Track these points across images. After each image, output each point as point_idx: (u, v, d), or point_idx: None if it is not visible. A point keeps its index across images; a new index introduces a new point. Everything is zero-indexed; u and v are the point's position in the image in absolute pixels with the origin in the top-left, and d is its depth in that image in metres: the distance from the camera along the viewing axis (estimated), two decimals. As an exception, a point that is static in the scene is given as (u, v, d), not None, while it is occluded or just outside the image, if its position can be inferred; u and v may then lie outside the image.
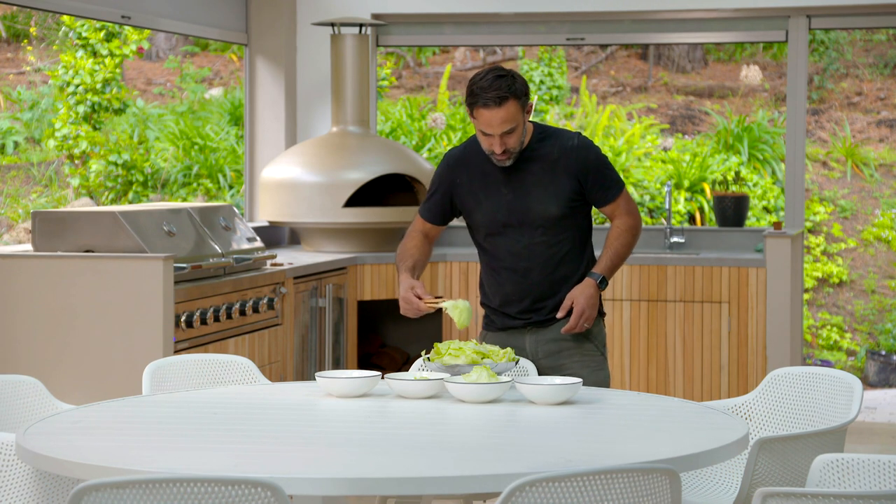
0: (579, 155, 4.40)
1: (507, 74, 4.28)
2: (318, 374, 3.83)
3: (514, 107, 4.25)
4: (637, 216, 4.49)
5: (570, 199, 4.40)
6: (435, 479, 2.87)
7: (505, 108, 4.24)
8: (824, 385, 3.94)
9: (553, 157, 4.39)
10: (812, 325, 12.58)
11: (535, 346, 4.46)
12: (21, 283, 5.40)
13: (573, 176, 4.39)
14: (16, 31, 15.80)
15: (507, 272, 4.46)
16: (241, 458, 3.10)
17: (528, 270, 4.43)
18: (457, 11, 7.93)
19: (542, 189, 4.39)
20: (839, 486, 2.98)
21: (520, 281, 4.45)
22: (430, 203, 4.58)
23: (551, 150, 4.41)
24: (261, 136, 8.02)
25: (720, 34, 8.09)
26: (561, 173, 4.38)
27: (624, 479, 2.71)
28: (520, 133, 4.31)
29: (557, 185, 4.38)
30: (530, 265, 4.43)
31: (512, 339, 4.48)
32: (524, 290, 4.45)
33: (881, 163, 13.96)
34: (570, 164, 4.39)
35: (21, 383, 3.85)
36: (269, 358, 6.14)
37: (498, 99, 4.23)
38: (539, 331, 4.46)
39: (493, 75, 4.27)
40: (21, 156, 14.20)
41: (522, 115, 4.30)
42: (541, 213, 4.39)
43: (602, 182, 4.42)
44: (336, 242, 7.29)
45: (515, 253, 4.43)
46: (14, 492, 3.50)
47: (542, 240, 4.41)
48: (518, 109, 4.27)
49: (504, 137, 4.29)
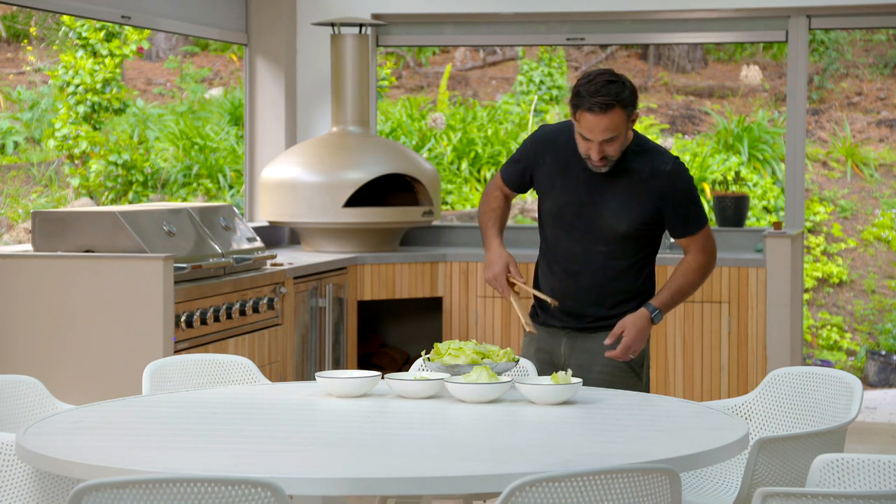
0: (668, 182, 4.24)
1: (617, 80, 4.11)
2: (318, 374, 3.83)
3: (619, 115, 4.09)
4: (712, 256, 4.32)
5: (644, 223, 4.26)
6: (435, 479, 2.87)
7: (610, 115, 4.08)
8: (824, 385, 3.93)
9: (642, 176, 4.24)
10: (812, 325, 12.58)
11: (568, 352, 4.38)
12: (21, 283, 5.40)
13: (655, 201, 4.24)
14: (16, 31, 15.80)
15: (559, 269, 4.37)
16: (241, 458, 3.10)
17: (578, 274, 4.33)
18: (457, 11, 7.93)
19: (619, 205, 4.25)
20: (839, 486, 2.98)
21: (568, 282, 4.35)
22: (512, 168, 4.46)
23: (643, 168, 4.25)
24: (261, 136, 8.02)
25: (720, 34, 8.09)
26: (644, 195, 4.24)
27: (624, 479, 2.71)
28: (621, 142, 4.15)
29: (636, 205, 4.24)
30: (583, 270, 4.33)
31: (550, 337, 4.41)
32: (570, 292, 4.35)
33: (881, 163, 13.96)
34: (655, 188, 4.24)
35: (21, 383, 3.84)
36: (269, 358, 6.14)
37: (604, 105, 4.07)
38: (577, 337, 4.37)
39: (603, 79, 4.10)
40: (21, 156, 14.20)
41: (626, 125, 4.14)
42: (610, 226, 4.27)
43: (684, 215, 4.27)
44: (336, 242, 7.29)
45: (572, 254, 4.33)
46: (14, 492, 3.50)
47: (603, 250, 4.30)
48: (623, 119, 4.11)
49: (604, 145, 4.13)
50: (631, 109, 4.14)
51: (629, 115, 4.14)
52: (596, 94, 4.08)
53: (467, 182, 13.20)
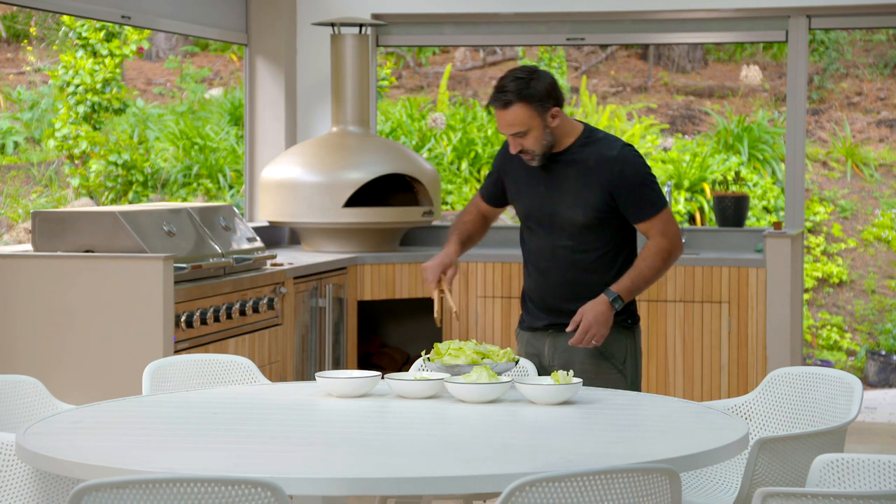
0: (614, 168, 4.27)
1: (525, 77, 4.18)
2: (318, 374, 3.83)
3: (522, 111, 4.17)
4: (674, 240, 4.30)
5: (599, 210, 4.29)
6: (435, 479, 2.87)
7: (511, 111, 4.18)
8: (824, 385, 3.93)
9: (588, 166, 4.29)
10: (812, 325, 12.58)
11: (552, 352, 4.42)
12: (21, 283, 5.40)
13: (605, 188, 4.27)
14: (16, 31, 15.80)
15: (533, 268, 4.45)
16: (241, 458, 3.10)
17: (548, 271, 4.39)
18: (457, 11, 7.93)
19: (572, 196, 4.30)
20: (839, 486, 2.98)
21: (541, 280, 4.42)
22: (486, 183, 4.56)
23: (590, 157, 4.30)
24: (261, 136, 8.02)
25: (720, 34, 8.09)
26: (593, 183, 4.28)
27: (624, 479, 2.71)
28: (537, 136, 4.21)
29: (588, 194, 4.28)
30: (551, 266, 4.38)
31: (535, 340, 4.46)
32: (543, 289, 4.42)
33: (881, 163, 13.96)
34: (603, 175, 4.27)
35: (21, 383, 3.85)
36: (269, 358, 6.14)
37: (504, 102, 4.17)
38: (558, 337, 4.40)
39: (512, 76, 4.19)
40: (21, 156, 14.20)
41: (540, 120, 4.19)
42: (567, 218, 4.32)
43: (637, 199, 4.28)
44: (336, 242, 7.29)
45: (540, 251, 4.41)
46: (14, 492, 3.50)
47: (567, 244, 4.35)
48: (530, 114, 4.17)
49: (517, 139, 4.22)
50: (540, 105, 4.19)
51: (538, 110, 4.19)
52: (499, 91, 4.18)
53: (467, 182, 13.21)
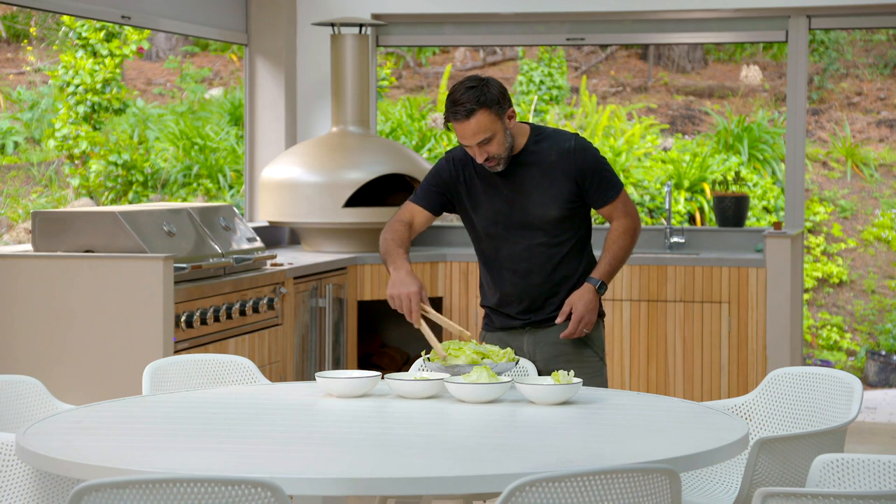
0: (577, 157, 4.36)
1: (477, 85, 4.21)
2: (318, 374, 3.83)
3: (485, 117, 4.20)
4: (635, 217, 4.46)
5: (570, 202, 4.38)
6: (435, 479, 2.87)
7: (475, 119, 4.19)
8: (824, 385, 3.93)
9: (551, 160, 4.37)
10: (812, 325, 12.58)
11: (532, 348, 4.46)
12: (21, 283, 5.40)
13: (571, 178, 4.36)
14: (16, 31, 15.80)
15: (507, 273, 4.46)
16: (241, 458, 3.10)
17: (527, 272, 4.43)
18: (457, 11, 7.93)
19: (541, 192, 4.37)
20: (839, 486, 2.98)
21: (519, 282, 4.45)
22: (426, 190, 4.49)
23: (549, 152, 4.37)
24: (261, 136, 8.02)
25: (720, 34, 8.09)
26: (559, 176, 4.36)
27: (624, 479, 2.71)
28: (500, 140, 4.26)
29: (556, 187, 4.36)
30: (530, 267, 4.42)
31: (510, 339, 4.48)
32: (523, 291, 4.45)
33: (881, 163, 13.96)
34: (567, 166, 4.36)
35: (21, 383, 3.84)
36: (269, 358, 6.14)
37: (466, 112, 4.18)
38: (538, 332, 4.46)
39: (463, 87, 4.22)
40: (21, 156, 14.20)
41: (501, 123, 4.24)
42: (540, 215, 4.38)
43: (600, 184, 4.39)
44: (336, 242, 7.29)
45: (515, 254, 4.43)
46: (14, 492, 3.50)
47: (542, 241, 4.40)
48: (492, 118, 4.21)
49: (483, 147, 4.25)
50: (499, 108, 4.22)
51: (498, 113, 4.23)
52: (457, 104, 4.20)
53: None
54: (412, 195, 4.57)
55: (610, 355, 7.14)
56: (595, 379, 4.42)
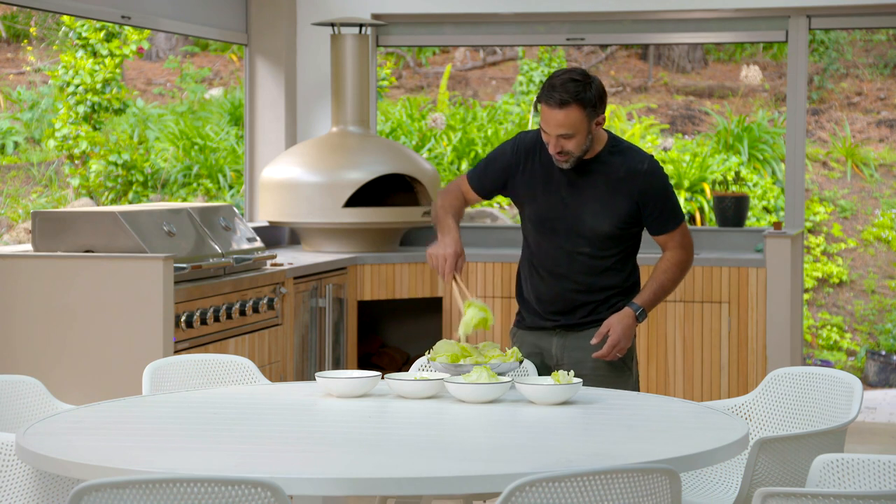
0: (645, 180, 4.30)
1: (582, 80, 4.16)
2: (318, 374, 3.83)
3: (576, 113, 4.14)
4: (690, 252, 4.40)
5: (625, 221, 4.32)
6: (435, 479, 2.87)
7: (566, 111, 4.14)
8: (824, 385, 3.93)
9: (619, 176, 4.30)
10: (812, 325, 12.58)
11: (560, 351, 4.42)
12: (21, 283, 5.40)
13: (633, 200, 4.30)
14: (16, 31, 15.80)
15: (545, 272, 4.40)
16: (241, 458, 3.10)
17: (566, 277, 4.37)
18: (457, 11, 7.93)
19: (599, 204, 4.30)
20: (839, 486, 2.98)
21: (555, 285, 4.39)
22: (482, 172, 4.45)
23: (619, 168, 4.31)
24: (261, 136, 8.02)
25: (720, 34, 8.09)
26: (622, 194, 4.29)
27: (624, 479, 2.71)
28: (581, 141, 4.20)
29: (616, 204, 4.30)
30: (569, 272, 4.37)
31: (540, 339, 4.44)
32: (558, 294, 4.39)
33: (881, 163, 13.96)
34: (633, 187, 4.29)
35: (21, 383, 3.84)
36: (269, 358, 6.14)
37: (560, 101, 4.14)
38: (567, 335, 4.41)
39: (568, 76, 4.16)
40: (21, 156, 14.20)
41: (588, 125, 4.18)
42: (592, 227, 4.31)
43: (662, 212, 4.34)
44: (336, 242, 7.29)
45: (557, 257, 4.37)
46: (14, 492, 3.50)
47: (587, 251, 4.35)
48: (582, 118, 4.15)
49: (561, 140, 4.19)
50: (593, 111, 4.18)
51: (590, 115, 4.18)
52: (556, 89, 4.15)
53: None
54: (469, 171, 4.50)
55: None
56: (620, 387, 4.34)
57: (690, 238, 4.40)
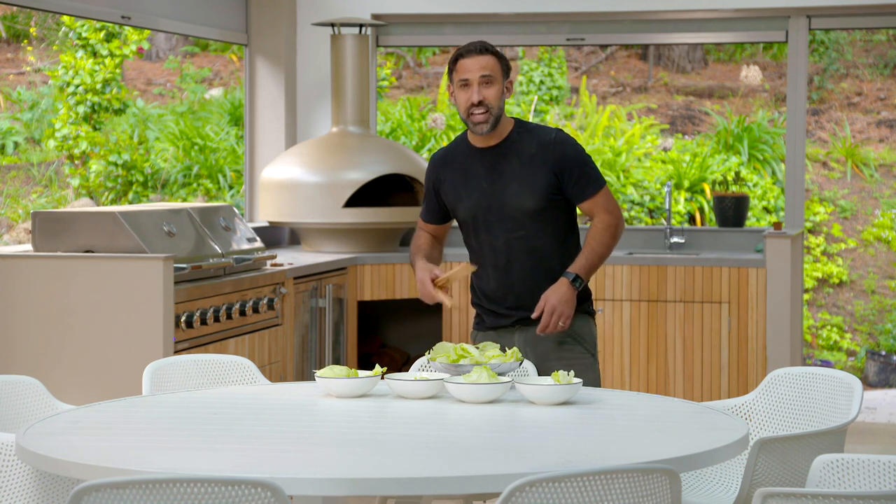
0: (556, 149, 4.39)
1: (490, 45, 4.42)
2: (318, 374, 3.83)
3: (494, 61, 4.34)
4: (617, 215, 4.44)
5: (547, 193, 4.38)
6: (435, 479, 2.87)
7: (486, 57, 4.34)
8: (824, 385, 3.93)
9: (531, 152, 4.40)
10: (812, 325, 12.58)
11: (524, 346, 4.45)
12: (21, 283, 5.40)
13: (549, 170, 4.38)
14: (16, 31, 15.80)
15: (490, 268, 4.47)
16: (241, 458, 3.10)
17: (508, 266, 4.43)
18: (457, 11, 7.93)
19: (518, 183, 4.38)
20: (839, 486, 2.98)
21: (502, 277, 4.45)
22: (425, 204, 4.62)
23: (529, 144, 4.41)
24: (261, 136, 8.02)
25: (720, 34, 8.09)
26: (538, 167, 4.38)
27: (624, 479, 2.71)
28: (498, 92, 4.34)
29: (534, 178, 4.38)
30: (510, 260, 4.42)
31: (501, 338, 4.47)
32: (507, 286, 4.45)
33: (881, 163, 13.96)
34: (546, 158, 4.38)
35: (21, 383, 3.84)
36: (269, 358, 6.14)
37: (480, 49, 4.34)
38: (528, 329, 4.44)
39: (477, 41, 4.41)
40: (21, 156, 14.20)
41: (503, 79, 4.36)
42: (517, 206, 4.38)
43: (580, 178, 4.40)
44: (336, 243, 7.29)
45: (496, 248, 4.44)
46: (14, 492, 3.50)
47: (521, 234, 4.40)
48: (498, 67, 4.35)
49: (482, 87, 4.33)
50: (505, 65, 4.39)
51: (504, 69, 4.38)
52: (471, 44, 4.39)
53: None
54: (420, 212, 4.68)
55: (610, 355, 7.14)
56: (587, 374, 4.41)
57: (616, 203, 4.46)
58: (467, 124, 4.39)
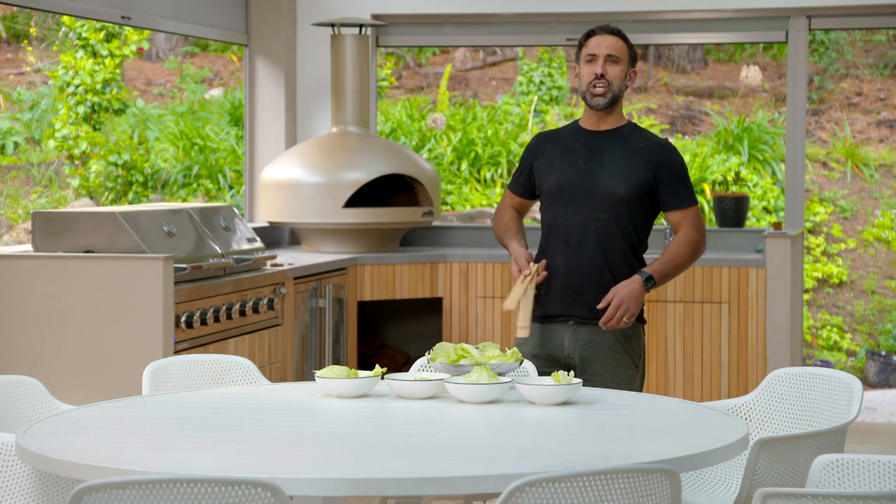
0: (664, 153, 4.45)
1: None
2: (318, 374, 3.83)
3: (622, 45, 4.44)
4: (703, 235, 4.47)
5: (641, 188, 4.41)
6: (435, 479, 2.87)
7: (615, 39, 4.43)
8: (824, 385, 3.94)
9: (639, 146, 4.45)
10: (812, 325, 12.58)
11: (572, 344, 4.45)
12: (21, 283, 5.40)
13: (651, 169, 4.42)
14: (16, 31, 15.80)
15: (561, 242, 4.46)
16: (241, 458, 3.10)
17: (580, 245, 4.43)
18: (457, 11, 7.93)
19: (617, 168, 4.41)
20: (839, 486, 2.98)
21: (570, 253, 4.44)
22: (516, 176, 4.64)
23: (639, 139, 4.47)
24: (261, 137, 8.02)
25: (720, 34, 8.09)
26: (641, 162, 4.42)
27: (624, 479, 2.71)
28: (621, 73, 4.42)
29: (634, 169, 4.41)
30: (584, 238, 4.42)
31: (551, 331, 4.47)
32: (573, 264, 4.43)
33: (881, 163, 13.96)
34: (651, 157, 4.43)
35: (21, 383, 3.85)
36: (269, 358, 6.14)
37: (611, 30, 4.45)
38: (579, 329, 4.44)
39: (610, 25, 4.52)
40: (21, 156, 14.20)
41: (628, 65, 4.44)
42: (608, 188, 4.40)
43: (678, 187, 4.44)
44: (336, 243, 7.29)
45: (573, 225, 4.44)
46: (14, 492, 3.50)
47: (602, 217, 4.41)
48: (626, 51, 4.44)
49: (607, 64, 4.41)
50: (632, 53, 4.48)
51: (631, 55, 4.47)
52: (602, 25, 4.50)
53: (467, 182, 13.21)
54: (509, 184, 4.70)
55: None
56: (625, 386, 4.37)
57: (703, 223, 4.49)
58: (585, 99, 4.46)
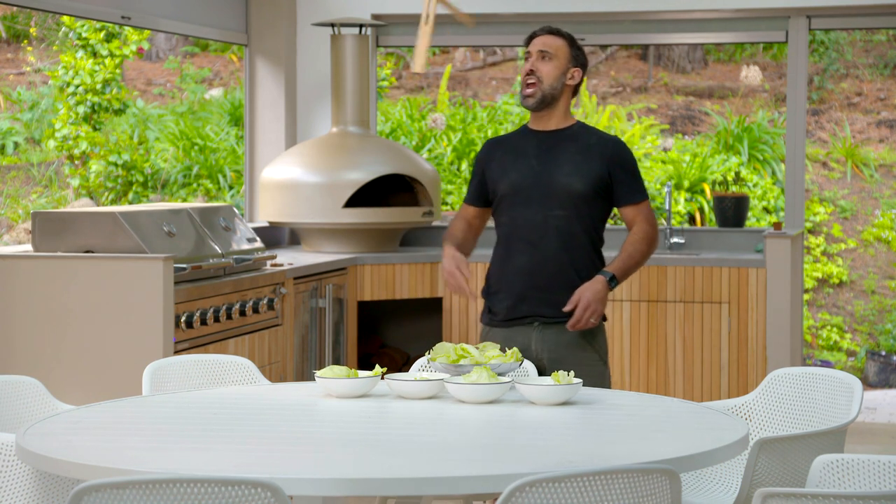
0: (616, 149, 4.51)
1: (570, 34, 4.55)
2: (318, 374, 3.83)
3: (561, 43, 4.47)
4: (656, 228, 4.53)
5: (596, 183, 4.44)
6: (435, 479, 2.87)
7: (553, 38, 4.47)
8: (824, 385, 3.94)
9: (590, 142, 4.50)
10: (812, 325, 12.58)
11: (539, 345, 4.45)
12: (21, 283, 5.40)
13: (605, 164, 4.46)
14: (16, 31, 15.80)
15: (521, 244, 4.47)
16: (241, 458, 3.10)
17: (541, 242, 4.44)
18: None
19: (572, 166, 4.45)
20: (839, 486, 2.98)
21: (533, 253, 4.45)
22: (470, 188, 4.65)
23: (589, 137, 4.52)
24: (261, 137, 8.02)
25: (720, 34, 8.09)
26: (594, 157, 4.46)
27: (624, 479, 2.71)
28: (555, 72, 4.46)
29: (588, 165, 4.45)
30: (545, 237, 4.44)
31: (516, 334, 4.46)
32: (536, 263, 4.45)
33: (881, 163, 13.96)
34: (605, 153, 4.47)
35: (21, 383, 3.85)
36: (269, 358, 6.14)
37: (550, 30, 4.49)
38: (546, 330, 4.45)
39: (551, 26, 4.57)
40: (21, 156, 14.20)
41: (566, 62, 4.48)
42: (565, 185, 4.43)
43: (631, 182, 4.50)
44: (336, 243, 7.29)
45: (533, 224, 4.45)
46: (14, 492, 3.50)
47: (561, 214, 4.43)
48: (565, 50, 4.47)
49: (539, 61, 4.45)
50: (576, 52, 4.51)
51: (572, 55, 4.50)
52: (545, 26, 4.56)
53: (467, 182, 13.20)
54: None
55: (610, 355, 7.13)
56: (597, 382, 4.42)
57: (655, 217, 4.54)
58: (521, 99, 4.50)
